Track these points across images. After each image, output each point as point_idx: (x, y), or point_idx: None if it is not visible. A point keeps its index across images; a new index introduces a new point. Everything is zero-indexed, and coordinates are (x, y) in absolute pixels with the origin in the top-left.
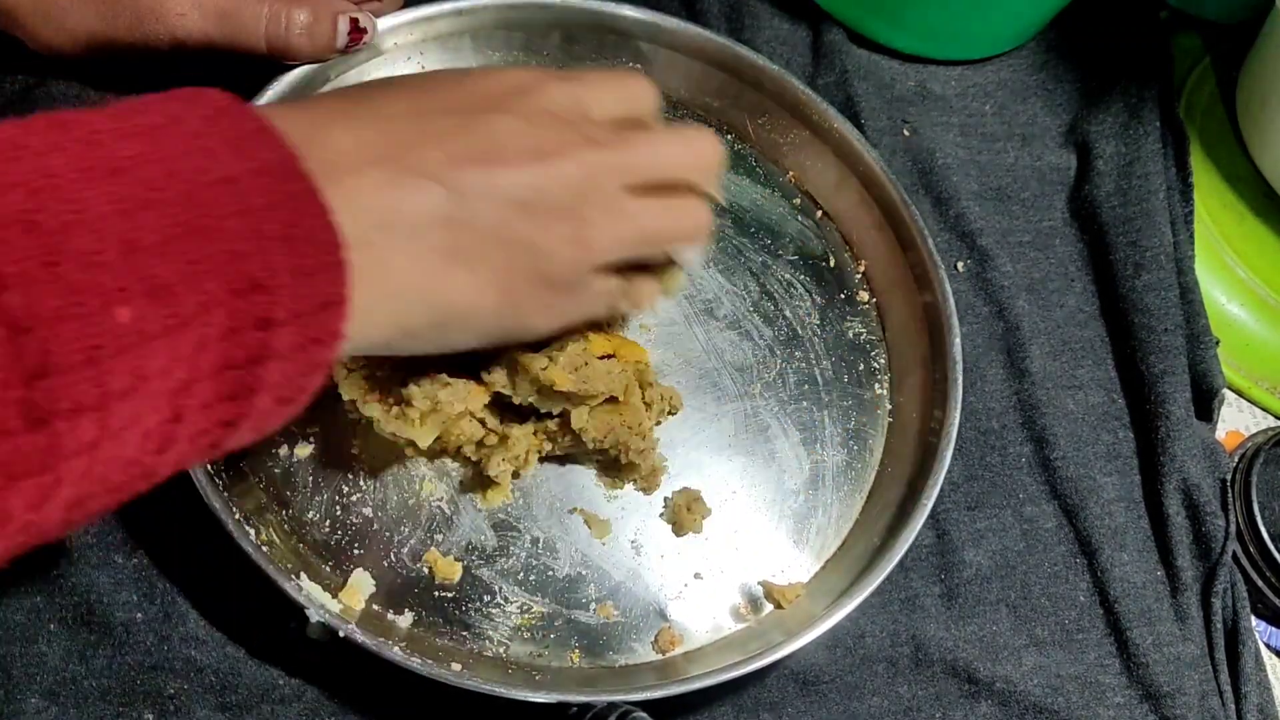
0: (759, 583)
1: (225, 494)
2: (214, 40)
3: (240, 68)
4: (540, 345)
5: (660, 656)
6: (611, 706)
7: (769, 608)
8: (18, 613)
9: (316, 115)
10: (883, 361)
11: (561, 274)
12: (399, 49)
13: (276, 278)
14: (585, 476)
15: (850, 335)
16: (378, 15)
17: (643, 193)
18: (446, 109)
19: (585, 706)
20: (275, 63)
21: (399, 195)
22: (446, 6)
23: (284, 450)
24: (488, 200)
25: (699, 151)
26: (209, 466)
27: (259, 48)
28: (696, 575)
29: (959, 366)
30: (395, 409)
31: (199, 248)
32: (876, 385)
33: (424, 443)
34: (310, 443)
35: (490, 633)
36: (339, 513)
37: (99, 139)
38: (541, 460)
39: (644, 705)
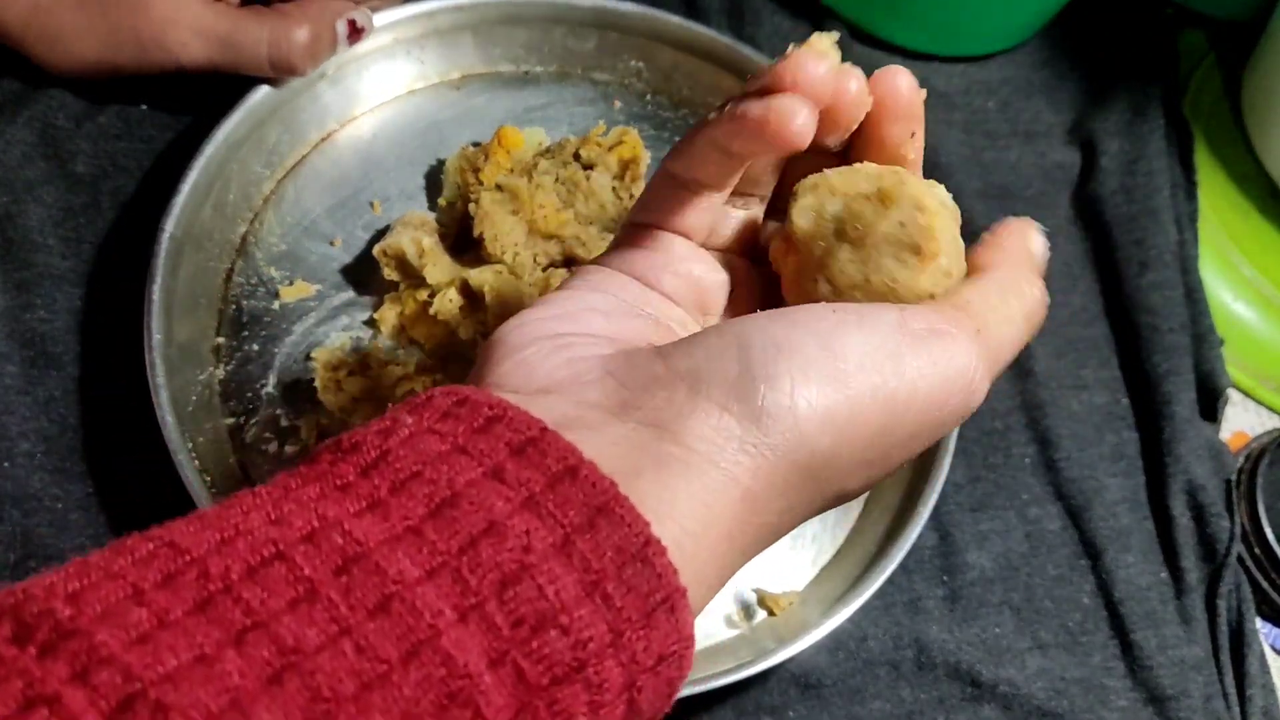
0: (752, 589)
1: (213, 492)
2: (217, 65)
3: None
4: None
5: None
6: None
7: (762, 614)
8: None
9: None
10: None
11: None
12: (399, 44)
13: None
14: None
15: None
16: (376, 11)
17: None
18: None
19: None
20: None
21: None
22: (447, 2)
23: (273, 447)
24: None
25: None
26: (198, 466)
27: (262, 70)
28: None
29: None
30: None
31: None
32: None
33: None
34: (301, 441)
35: None
36: None
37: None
38: None
39: None
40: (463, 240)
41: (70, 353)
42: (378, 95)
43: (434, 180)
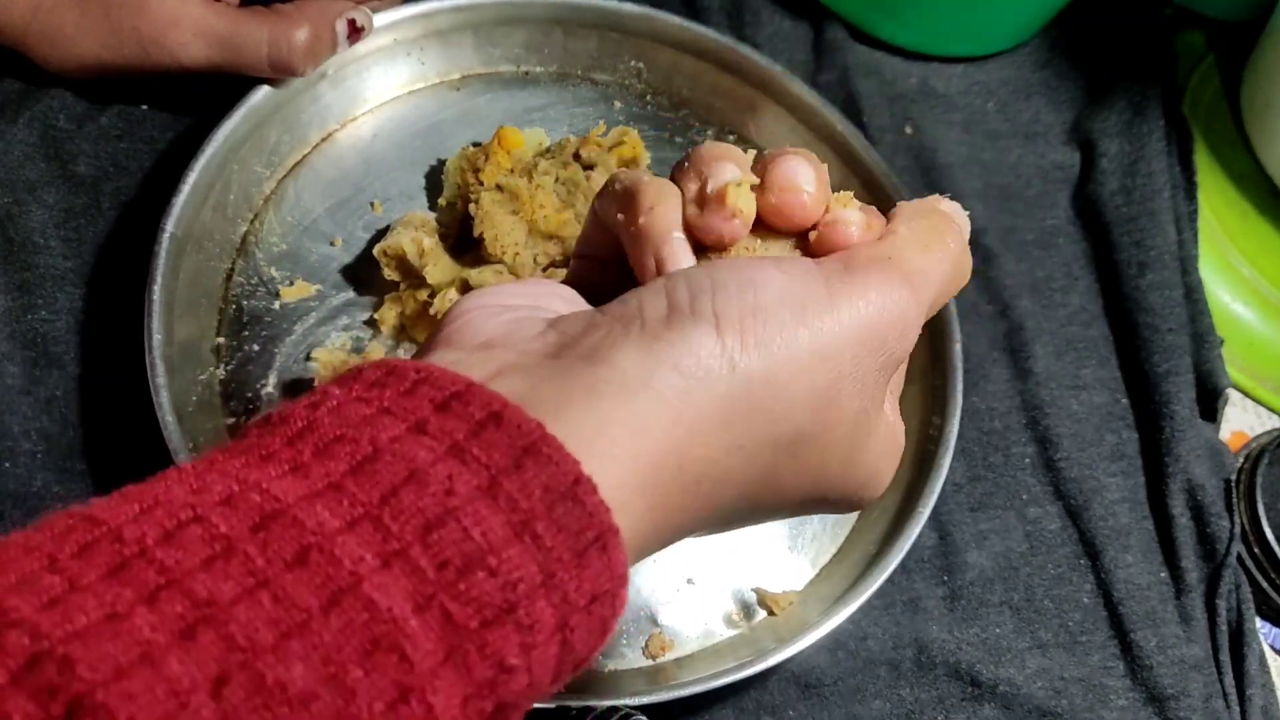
0: (752, 589)
1: None
2: (217, 65)
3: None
4: None
5: (650, 662)
6: (613, 709)
7: (761, 614)
8: None
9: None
10: None
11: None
12: (399, 45)
13: None
14: None
15: None
16: (377, 12)
17: None
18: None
19: (585, 709)
20: None
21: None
22: (447, 3)
23: None
24: None
25: None
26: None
27: (263, 70)
28: (689, 581)
29: (959, 374)
30: None
31: None
32: None
33: None
34: None
35: None
36: None
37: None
38: None
39: (641, 708)
40: (463, 240)
41: (71, 353)
42: (378, 95)
43: (434, 180)
